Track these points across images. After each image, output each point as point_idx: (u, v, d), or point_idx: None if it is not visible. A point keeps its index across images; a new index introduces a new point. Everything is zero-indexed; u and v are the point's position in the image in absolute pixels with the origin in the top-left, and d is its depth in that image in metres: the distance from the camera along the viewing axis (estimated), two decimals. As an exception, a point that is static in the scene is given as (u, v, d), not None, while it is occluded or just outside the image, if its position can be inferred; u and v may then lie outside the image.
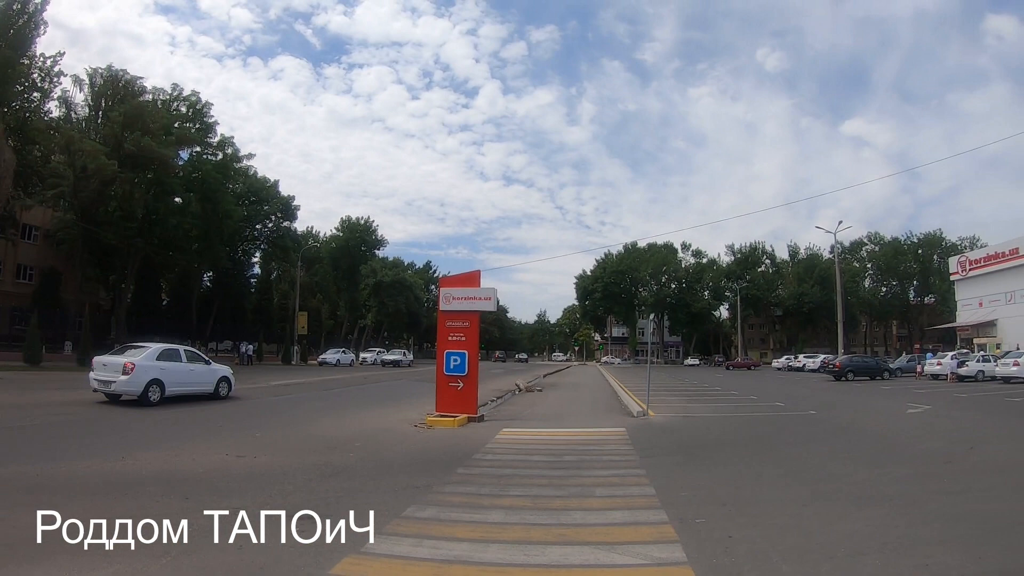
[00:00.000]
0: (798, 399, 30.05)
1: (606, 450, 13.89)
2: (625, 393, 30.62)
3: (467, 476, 10.66)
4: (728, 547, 6.87)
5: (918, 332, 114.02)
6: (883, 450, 14.85)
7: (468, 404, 19.02)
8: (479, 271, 20.64)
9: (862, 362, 53.96)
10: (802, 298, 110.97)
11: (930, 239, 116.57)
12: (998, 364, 42.33)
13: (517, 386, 34.54)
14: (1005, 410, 24.32)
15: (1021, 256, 73.64)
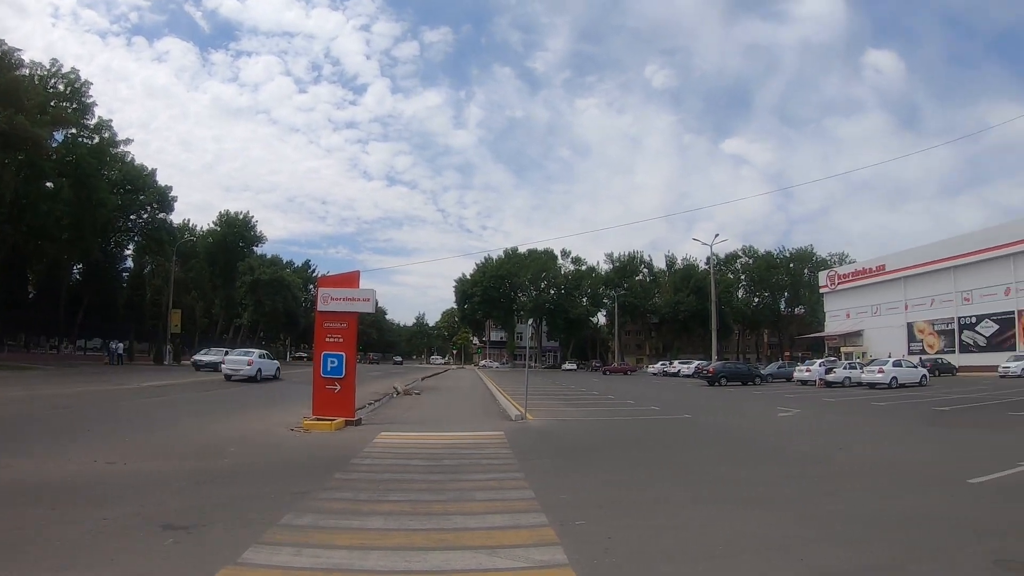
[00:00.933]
0: (674, 403, 30.75)
1: (485, 454, 13.79)
2: (503, 397, 30.65)
3: (345, 481, 10.40)
4: (608, 548, 6.87)
5: (788, 340, 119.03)
6: (757, 452, 15.31)
7: (346, 407, 18.56)
8: (358, 272, 20.24)
9: (735, 368, 55.51)
10: (678, 306, 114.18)
11: (802, 254, 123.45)
12: (864, 371, 44.45)
13: (395, 389, 34.19)
14: (871, 413, 25.44)
15: (886, 272, 78.45)
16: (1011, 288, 65.15)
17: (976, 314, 69.11)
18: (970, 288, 69.69)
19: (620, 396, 35.67)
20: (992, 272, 66.99)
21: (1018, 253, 64.16)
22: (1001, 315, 66.39)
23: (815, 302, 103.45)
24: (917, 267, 75.82)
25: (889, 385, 40.78)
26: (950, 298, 71.97)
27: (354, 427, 18.10)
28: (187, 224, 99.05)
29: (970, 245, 69.63)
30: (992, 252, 66.42)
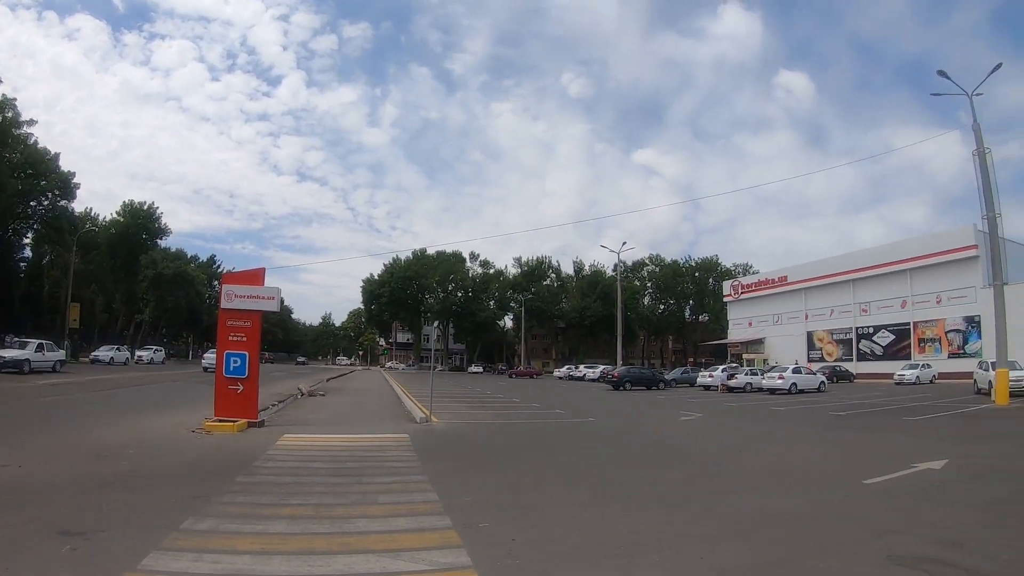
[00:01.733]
0: (578, 407, 30.96)
1: (389, 456, 13.66)
2: (408, 399, 30.47)
3: (247, 485, 10.16)
4: (512, 550, 6.87)
5: (692, 347, 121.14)
6: (659, 454, 15.58)
7: (248, 408, 18.08)
8: (263, 269, 19.78)
9: (639, 373, 56.39)
10: (584, 312, 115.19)
11: (707, 263, 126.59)
12: (764, 377, 45.63)
13: (299, 390, 33.70)
14: (771, 418, 26.04)
15: (788, 283, 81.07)
16: (907, 301, 68.53)
17: (873, 325, 72.21)
18: (868, 300, 72.84)
19: (525, 400, 35.81)
20: (890, 286, 70.31)
21: (914, 269, 67.68)
22: (897, 326, 69.64)
23: (719, 310, 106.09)
24: (818, 279, 78.81)
25: (789, 391, 41.97)
26: (849, 309, 74.97)
27: (257, 429, 17.68)
28: (89, 213, 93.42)
29: (869, 260, 72.96)
30: (890, 267, 69.85)
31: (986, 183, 31.19)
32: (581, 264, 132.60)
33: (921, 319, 68.03)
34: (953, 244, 64.14)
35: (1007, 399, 28.66)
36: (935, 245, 66.63)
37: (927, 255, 66.58)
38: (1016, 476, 11.89)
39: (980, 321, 60.18)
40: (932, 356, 63.78)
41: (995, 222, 31.26)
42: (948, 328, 65.54)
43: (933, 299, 66.53)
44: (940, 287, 65.69)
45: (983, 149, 31.53)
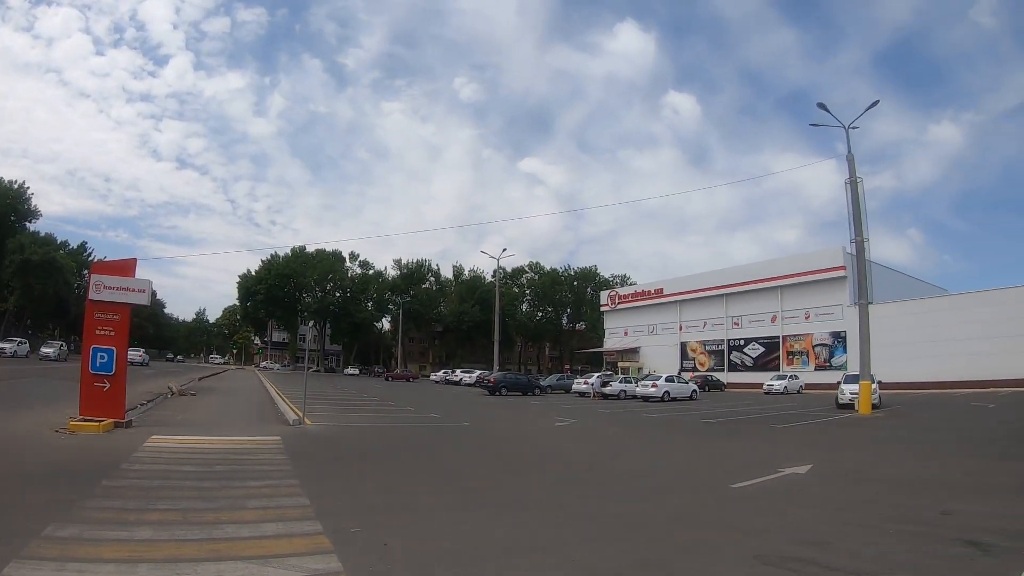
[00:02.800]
0: (454, 411, 30.97)
1: (260, 459, 13.35)
2: (282, 400, 29.88)
3: (113, 489, 9.71)
4: (383, 554, 6.79)
5: (569, 354, 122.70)
6: (533, 459, 15.72)
7: (115, 407, 17.24)
8: (135, 259, 18.80)
9: (515, 379, 56.75)
10: (463, 316, 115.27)
11: (585, 273, 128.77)
12: (638, 385, 46.67)
13: (170, 389, 32.67)
14: (644, 424, 26.63)
15: (664, 295, 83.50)
16: (777, 316, 71.58)
17: (745, 337, 74.91)
18: (740, 314, 75.67)
19: (401, 403, 35.57)
20: (761, 301, 73.46)
21: (785, 286, 71.11)
22: (767, 339, 72.56)
23: (596, 319, 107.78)
24: (693, 292, 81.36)
25: (662, 399, 43.05)
26: (721, 322, 77.64)
27: (124, 429, 16.97)
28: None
29: (743, 276, 76.03)
30: (762, 283, 73.08)
31: (856, 210, 33.13)
32: (461, 269, 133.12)
33: (790, 333, 71.10)
34: (823, 264, 67.69)
35: (870, 409, 30.28)
36: (806, 265, 70.06)
37: (798, 273, 70.05)
38: (877, 480, 12.42)
39: (846, 337, 63.59)
40: (800, 368, 66.70)
41: (863, 246, 33.30)
42: (816, 342, 68.75)
43: (802, 315, 69.68)
44: (809, 304, 68.93)
45: (855, 178, 33.55)
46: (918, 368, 55.52)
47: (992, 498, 10.33)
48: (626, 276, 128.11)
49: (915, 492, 10.98)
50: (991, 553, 7.04)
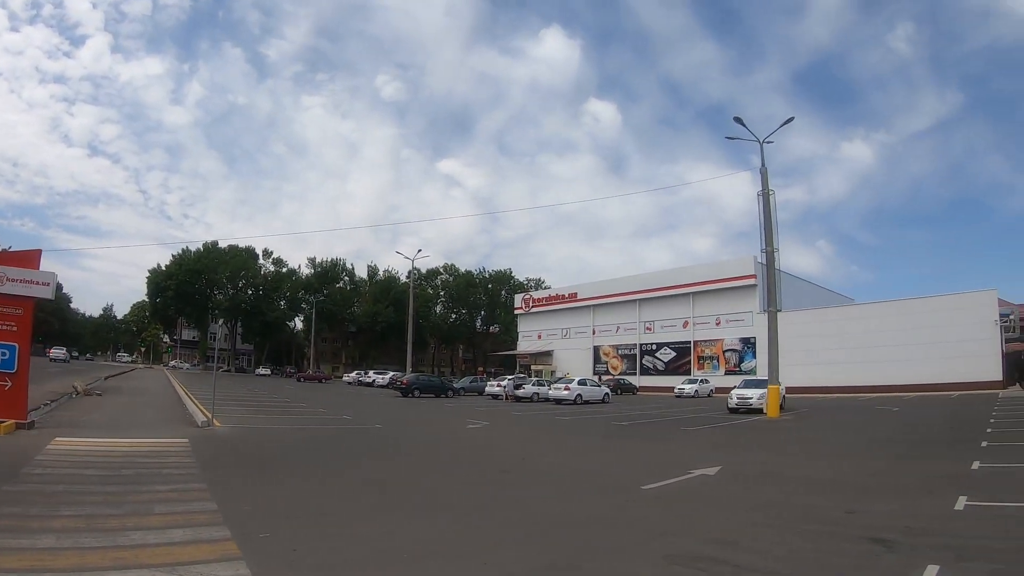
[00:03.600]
0: (366, 413, 30.85)
1: (167, 463, 13.02)
2: (191, 401, 29.33)
3: (14, 494, 9.30)
4: (293, 561, 6.67)
5: (483, 356, 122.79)
6: (446, 462, 15.71)
7: (17, 408, 16.60)
8: (40, 250, 18.18)
9: (428, 380, 56.84)
10: (376, 317, 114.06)
11: (500, 276, 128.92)
12: (551, 388, 47.04)
13: (75, 388, 31.74)
14: (556, 427, 26.77)
15: (578, 300, 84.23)
16: (689, 321, 72.98)
17: (657, 342, 76.04)
18: (653, 319, 76.80)
19: (312, 404, 35.26)
20: (673, 307, 74.92)
21: (696, 292, 72.70)
22: (679, 344, 73.88)
23: (510, 322, 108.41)
24: (607, 297, 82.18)
25: (574, 401, 43.51)
26: (634, 327, 78.60)
27: (26, 431, 16.40)
28: None
29: (656, 282, 77.39)
30: (675, 290, 74.59)
31: (767, 221, 34.02)
32: (376, 269, 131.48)
33: (701, 338, 72.51)
34: (735, 273, 69.39)
35: (777, 412, 31.03)
36: (718, 272, 71.66)
37: (710, 281, 71.59)
38: (784, 480, 12.76)
39: (755, 343, 65.20)
40: (710, 372, 68.10)
41: (773, 256, 34.20)
42: (726, 347, 70.33)
43: (713, 321, 71.12)
44: (720, 310, 70.52)
45: (767, 191, 34.41)
46: (826, 373, 57.85)
47: (895, 497, 10.72)
48: (541, 280, 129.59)
49: (821, 492, 11.29)
50: (895, 550, 7.27)
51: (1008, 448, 16.79)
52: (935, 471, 13.39)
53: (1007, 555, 7.05)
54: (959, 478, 12.19)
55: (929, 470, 13.62)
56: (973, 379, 50.18)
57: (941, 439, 20.49)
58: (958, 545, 7.41)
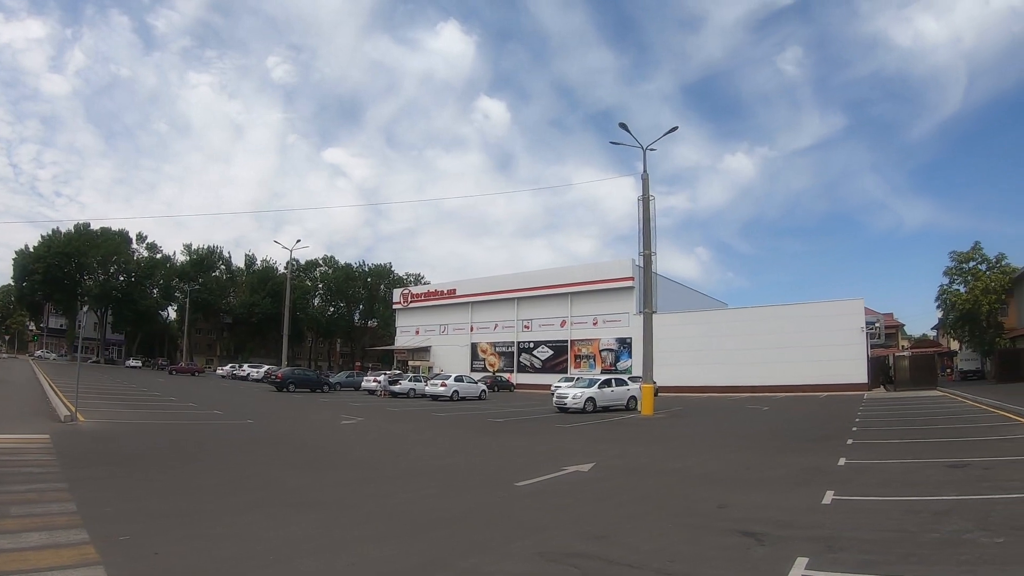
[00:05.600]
0: (239, 408, 30.31)
1: (26, 460, 12.36)
2: (55, 394, 28.05)
3: None
4: (155, 564, 6.44)
5: (360, 351, 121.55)
6: (319, 458, 15.46)
7: None
8: None
9: (303, 375, 56.18)
10: (253, 308, 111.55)
11: (380, 270, 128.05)
12: (428, 384, 47.16)
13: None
14: (432, 423, 26.75)
15: (457, 296, 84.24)
16: (566, 321, 73.66)
17: (535, 340, 76.49)
18: (531, 317, 77.19)
19: (184, 398, 34.34)
20: (551, 306, 75.60)
21: (575, 293, 73.39)
22: (556, 343, 74.44)
23: (388, 316, 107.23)
24: (486, 295, 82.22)
25: (451, 398, 43.71)
26: (512, 325, 78.86)
27: None
28: None
29: (536, 281, 77.94)
30: (554, 289, 75.25)
31: (647, 226, 34.87)
32: (253, 258, 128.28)
33: (578, 338, 73.27)
34: (613, 275, 70.52)
35: (652, 409, 31.61)
36: (597, 274, 72.63)
37: (589, 282, 72.51)
38: (656, 475, 13.04)
39: (631, 343, 66.55)
40: (587, 371, 68.53)
41: (650, 259, 35.08)
42: (602, 347, 71.21)
43: (591, 321, 72.01)
44: (598, 311, 71.46)
45: (648, 196, 35.28)
46: (700, 374, 59.57)
47: (764, 491, 11.04)
48: (420, 275, 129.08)
49: (693, 487, 11.59)
50: (766, 542, 7.50)
51: (871, 446, 17.59)
52: (804, 467, 13.89)
53: (874, 546, 7.33)
54: (826, 473, 12.72)
55: (798, 466, 14.12)
56: (841, 381, 52.77)
57: (809, 436, 21.24)
58: (826, 537, 7.68)
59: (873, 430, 21.65)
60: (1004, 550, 7.05)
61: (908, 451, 15.89)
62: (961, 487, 10.65)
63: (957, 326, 62.74)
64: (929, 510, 8.62)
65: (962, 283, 59.20)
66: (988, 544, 7.28)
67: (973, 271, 58.49)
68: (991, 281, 56.31)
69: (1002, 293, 56.76)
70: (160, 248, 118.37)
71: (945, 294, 61.05)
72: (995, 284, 56.14)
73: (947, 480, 11.47)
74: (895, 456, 15.23)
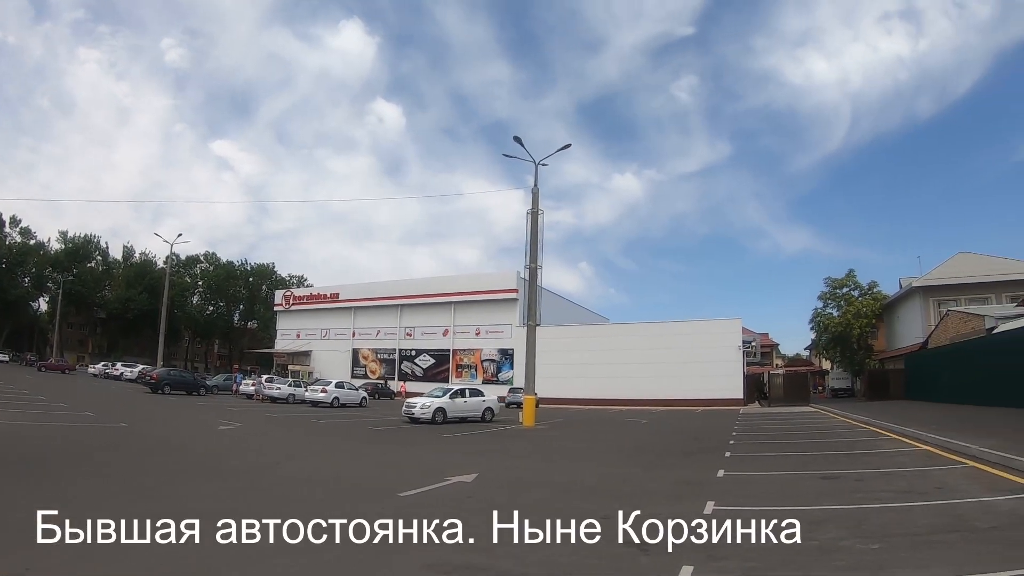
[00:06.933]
0: (111, 410, 29.00)
1: None
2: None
3: None
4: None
5: (239, 353, 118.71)
6: (196, 466, 14.85)
7: None
8: None
9: (180, 376, 54.30)
10: (129, 303, 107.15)
11: (262, 269, 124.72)
12: (308, 390, 46.54)
13: None
14: (312, 430, 26.24)
15: (340, 300, 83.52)
16: (449, 330, 74.03)
17: (417, 348, 76.39)
18: (414, 325, 77.20)
19: (53, 397, 32.79)
20: (435, 315, 75.88)
21: (459, 302, 73.98)
22: (438, 351, 74.60)
23: (269, 318, 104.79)
24: (369, 300, 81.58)
25: (331, 404, 43.24)
26: (395, 332, 78.63)
27: None
28: None
29: (420, 289, 78.04)
30: (438, 298, 75.52)
31: (534, 239, 35.50)
32: (132, 250, 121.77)
33: (461, 347, 73.57)
34: (498, 286, 71.61)
35: (533, 421, 31.88)
36: (482, 284, 73.43)
37: (474, 292, 73.18)
38: (538, 487, 13.06)
39: (513, 354, 67.63)
40: (468, 381, 68.61)
41: (536, 272, 35.56)
42: (484, 357, 71.79)
43: (473, 331, 72.58)
44: (481, 321, 72.08)
45: (537, 210, 35.87)
46: (581, 386, 60.94)
47: (647, 502, 11.15)
48: (303, 277, 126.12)
49: (576, 498, 11.70)
50: (650, 552, 7.60)
51: (749, 458, 18.08)
52: (684, 478, 14.15)
53: (755, 553, 7.52)
54: (706, 485, 12.99)
55: (679, 477, 14.39)
56: (718, 396, 55.36)
57: (689, 449, 21.68)
58: (709, 546, 7.79)
59: (750, 443, 22.34)
60: (878, 556, 7.43)
61: (784, 464, 16.46)
62: (836, 497, 11.14)
63: (829, 347, 68.65)
64: (806, 519, 8.80)
65: (835, 307, 64.46)
66: (864, 551, 7.66)
67: (846, 296, 63.76)
68: (863, 306, 61.56)
69: (872, 318, 62.15)
70: (34, 233, 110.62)
71: (819, 317, 66.10)
72: (866, 309, 61.36)
73: (822, 491, 11.96)
74: (772, 468, 15.74)
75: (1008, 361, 31.80)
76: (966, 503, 10.35)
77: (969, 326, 43.07)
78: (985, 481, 12.22)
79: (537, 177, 36.24)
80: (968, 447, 15.78)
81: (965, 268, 56.82)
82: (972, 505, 10.18)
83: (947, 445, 17.24)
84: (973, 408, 31.47)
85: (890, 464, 15.34)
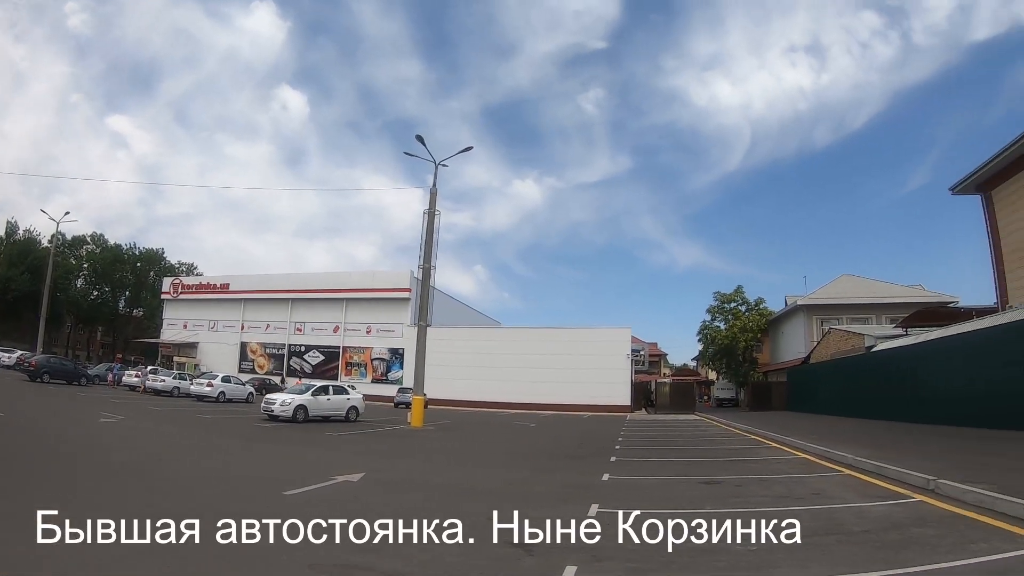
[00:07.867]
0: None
1: None
2: None
3: None
4: None
5: (123, 342, 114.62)
6: (76, 463, 14.37)
7: None
8: None
9: (60, 364, 52.03)
10: (9, 284, 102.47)
11: (151, 255, 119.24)
12: (193, 383, 45.29)
13: None
14: (197, 425, 25.75)
15: (230, 291, 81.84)
16: (340, 327, 73.44)
17: (306, 344, 75.45)
18: (304, 320, 76.16)
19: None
20: (326, 311, 75.08)
21: (350, 299, 73.67)
22: (328, 348, 74.02)
23: (156, 307, 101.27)
24: (259, 292, 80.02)
25: (217, 399, 42.33)
26: (284, 326, 77.39)
27: None
28: None
29: (312, 284, 77.24)
30: (329, 294, 74.87)
31: (429, 239, 35.79)
32: (15, 226, 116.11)
33: (351, 345, 73.00)
34: (390, 284, 71.40)
35: (421, 421, 32.15)
36: (375, 282, 73.05)
37: (366, 289, 72.84)
38: (426, 487, 13.13)
39: (404, 354, 67.36)
40: (358, 379, 68.26)
41: (429, 272, 35.88)
42: (374, 356, 71.46)
43: (364, 329, 72.18)
44: (372, 319, 71.77)
45: (434, 210, 36.18)
46: (471, 388, 61.28)
47: (532, 504, 11.25)
48: (194, 265, 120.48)
49: (464, 499, 11.85)
50: (534, 553, 7.78)
51: (634, 463, 18.45)
52: (570, 482, 14.37)
53: (637, 555, 7.77)
54: (591, 488, 13.22)
55: (565, 480, 14.61)
56: (606, 403, 56.63)
57: (575, 453, 21.99)
58: (593, 547, 7.99)
59: (635, 449, 22.87)
60: (757, 556, 7.78)
61: (667, 468, 17.00)
62: (716, 502, 11.59)
63: (716, 359, 71.45)
64: (688, 522, 8.97)
65: (723, 321, 67.17)
66: (743, 552, 7.96)
67: (734, 311, 66.59)
68: (749, 321, 64.50)
69: (758, 332, 64.92)
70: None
71: (707, 329, 68.81)
72: (753, 324, 64.25)
73: (703, 495, 12.39)
74: (656, 473, 16.21)
75: (885, 378, 33.65)
76: (841, 508, 10.88)
77: (850, 343, 45.17)
78: (859, 488, 12.88)
79: (436, 177, 36.43)
80: (844, 456, 16.62)
81: (848, 289, 59.78)
82: (847, 510, 10.71)
83: (824, 454, 18.09)
84: (852, 420, 33.16)
85: (769, 471, 16.00)
